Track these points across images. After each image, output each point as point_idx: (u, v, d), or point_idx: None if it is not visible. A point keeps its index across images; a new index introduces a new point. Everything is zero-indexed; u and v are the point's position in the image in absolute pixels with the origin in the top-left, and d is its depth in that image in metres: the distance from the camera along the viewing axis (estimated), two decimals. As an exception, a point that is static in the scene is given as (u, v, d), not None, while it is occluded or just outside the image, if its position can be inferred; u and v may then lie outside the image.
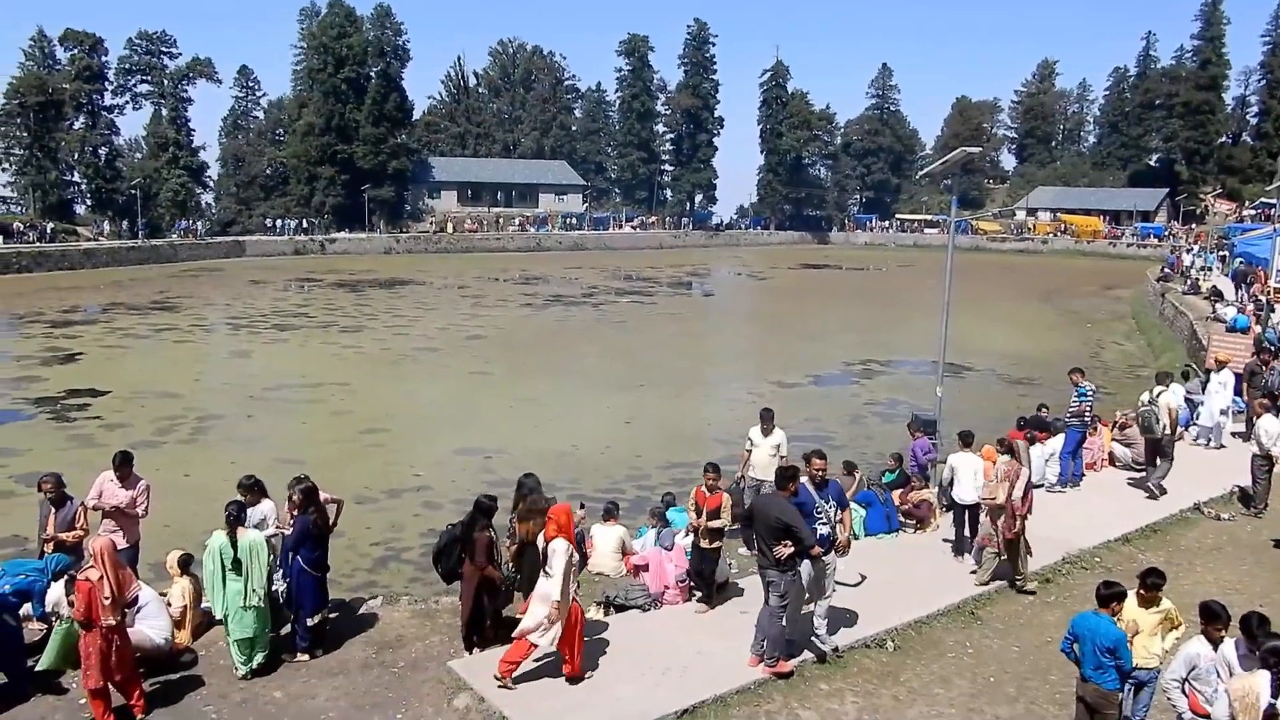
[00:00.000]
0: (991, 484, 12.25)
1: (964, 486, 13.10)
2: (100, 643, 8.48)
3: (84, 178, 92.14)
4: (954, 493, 13.28)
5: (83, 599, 8.48)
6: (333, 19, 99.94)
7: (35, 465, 19.64)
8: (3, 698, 9.02)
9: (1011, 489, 11.84)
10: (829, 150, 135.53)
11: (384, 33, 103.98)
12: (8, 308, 48.60)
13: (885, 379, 32.90)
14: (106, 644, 8.51)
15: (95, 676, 8.49)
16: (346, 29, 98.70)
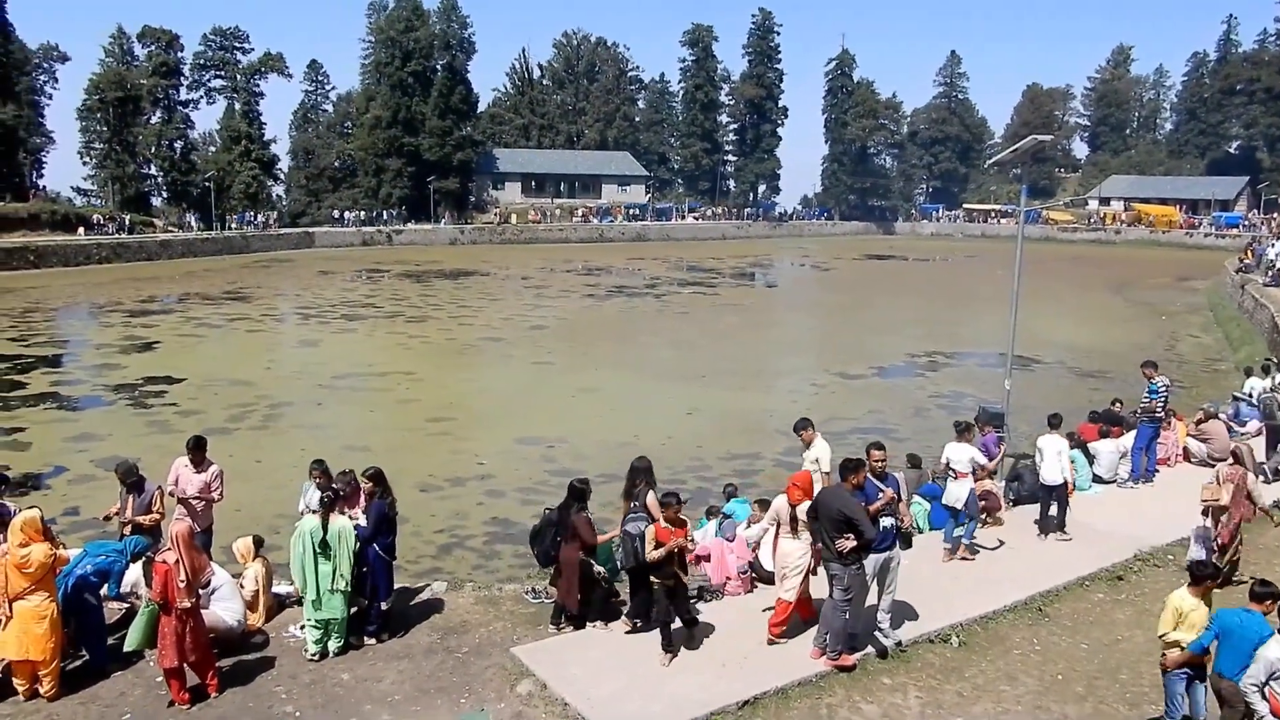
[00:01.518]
0: (1213, 485, 12.38)
1: (1050, 467, 13.29)
2: (176, 624, 8.73)
3: (160, 171, 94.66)
4: (1040, 473, 13.43)
5: (159, 581, 8.75)
6: (400, 13, 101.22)
7: (115, 450, 20.32)
8: (85, 674, 9.34)
9: (1237, 492, 12.05)
10: (895, 139, 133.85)
11: (450, 26, 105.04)
12: (89, 297, 50.19)
13: (950, 371, 32.42)
14: (182, 625, 8.76)
15: (171, 656, 8.74)
16: (413, 23, 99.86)
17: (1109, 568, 12.50)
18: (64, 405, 25.95)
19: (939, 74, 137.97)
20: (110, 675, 9.36)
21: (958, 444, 12.88)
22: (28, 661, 8.79)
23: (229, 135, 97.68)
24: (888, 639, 10.07)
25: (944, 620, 10.76)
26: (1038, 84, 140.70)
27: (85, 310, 46.24)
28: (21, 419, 23.96)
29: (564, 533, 10.42)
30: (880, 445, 10.20)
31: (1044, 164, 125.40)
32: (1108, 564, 12.56)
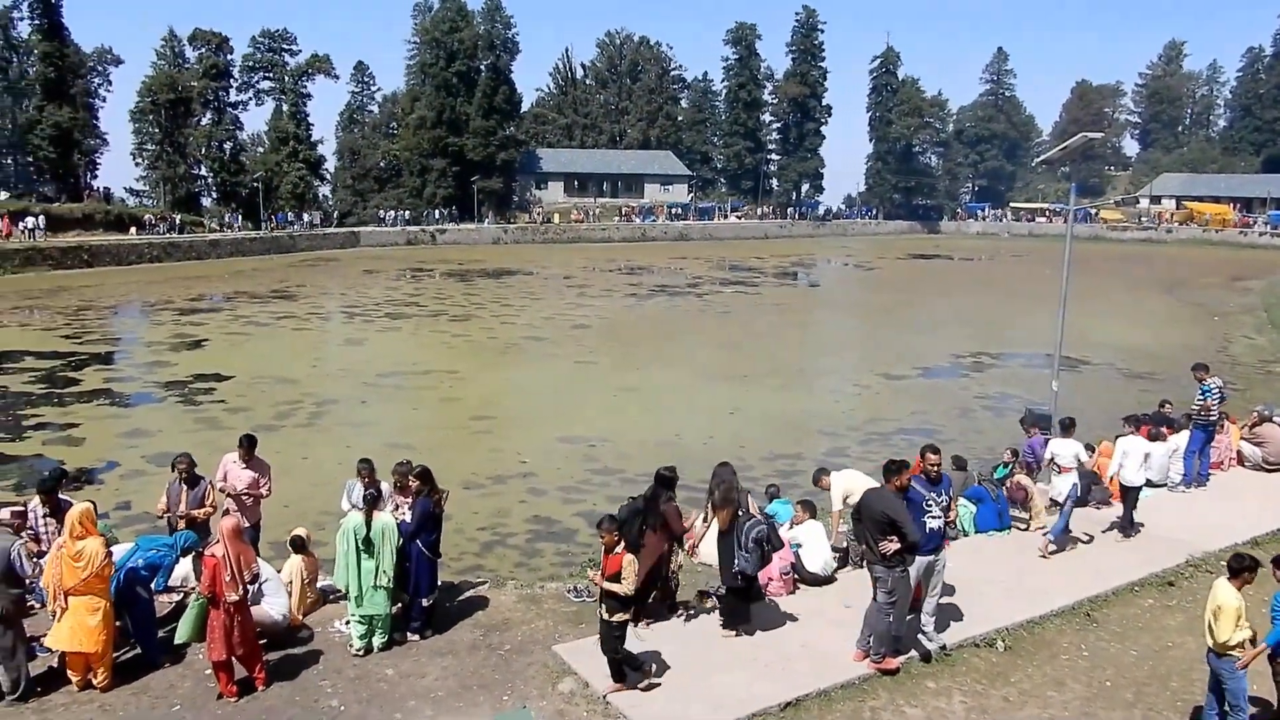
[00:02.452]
0: None
1: (1131, 469, 13.44)
2: (224, 617, 8.88)
3: (210, 171, 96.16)
4: (1122, 475, 13.54)
5: (208, 575, 8.91)
6: (445, 14, 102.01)
7: (165, 446, 20.67)
8: (136, 666, 9.52)
9: None
10: (940, 138, 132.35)
11: (494, 26, 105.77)
12: (141, 296, 51.15)
13: (996, 372, 32.02)
14: (230, 618, 8.90)
15: (219, 649, 8.89)
16: (458, 23, 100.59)
17: (1159, 573, 12.29)
18: (116, 401, 26.45)
19: (985, 71, 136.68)
20: (161, 667, 9.54)
21: (1064, 439, 13.30)
22: (81, 653, 8.98)
23: (277, 136, 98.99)
24: (932, 642, 9.98)
25: (989, 624, 10.64)
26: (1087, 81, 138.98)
27: (137, 308, 47.12)
28: (76, 415, 24.45)
29: (652, 521, 10.43)
30: (935, 448, 10.08)
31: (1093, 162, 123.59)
32: (1158, 569, 12.34)
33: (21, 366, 30.58)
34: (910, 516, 9.32)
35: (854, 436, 22.83)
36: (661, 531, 10.36)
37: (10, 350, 33.30)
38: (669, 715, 8.71)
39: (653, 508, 10.39)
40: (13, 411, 24.78)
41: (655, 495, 10.44)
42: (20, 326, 39.26)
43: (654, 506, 10.39)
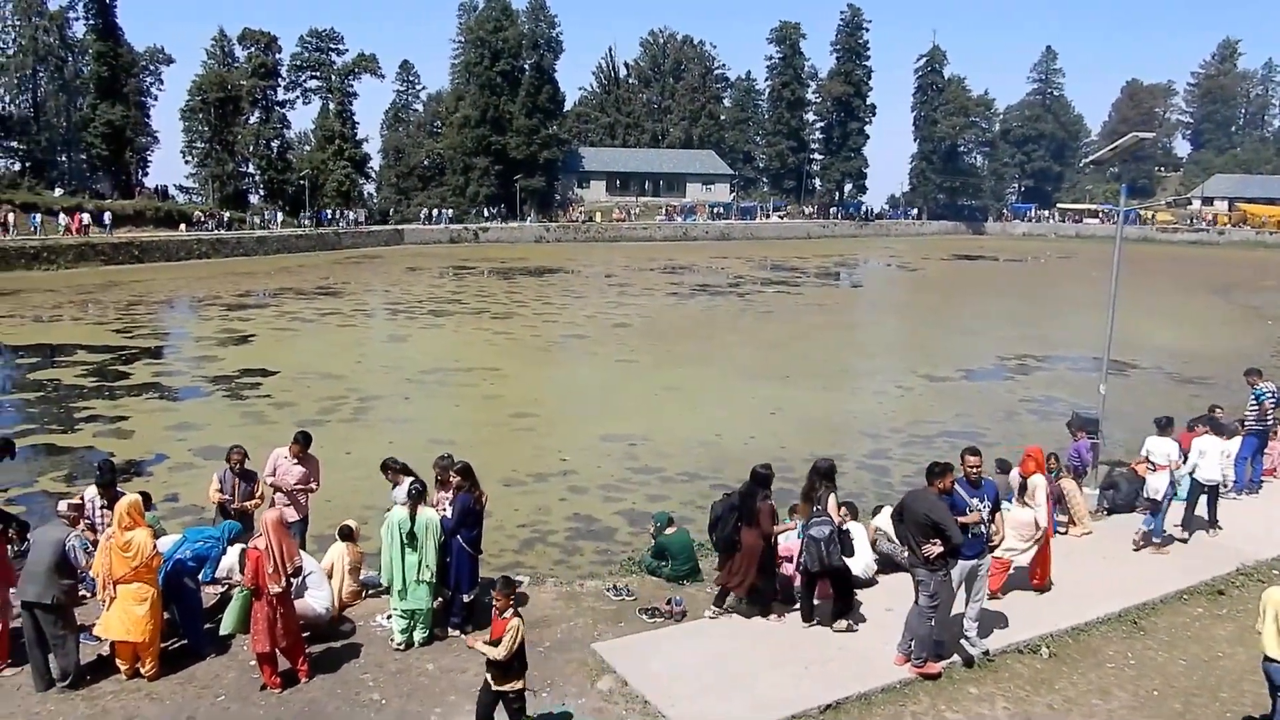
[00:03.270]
0: None
1: (1210, 467, 13.70)
2: (267, 609, 9.00)
3: (258, 169, 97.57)
4: (1199, 474, 13.66)
5: (251, 567, 9.04)
6: (490, 13, 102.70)
7: (213, 439, 21.00)
8: (183, 656, 9.68)
9: None
10: (986, 137, 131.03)
11: (538, 26, 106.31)
12: (189, 291, 52.00)
13: (1042, 375, 31.58)
14: (273, 610, 9.02)
15: (263, 641, 9.02)
16: (503, 23, 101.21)
17: (1209, 581, 12.05)
18: (165, 395, 26.88)
19: (1033, 70, 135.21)
20: (207, 658, 9.69)
21: (1159, 438, 13.47)
22: (129, 642, 9.15)
23: (323, 135, 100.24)
24: (975, 648, 9.86)
25: (1034, 630, 10.50)
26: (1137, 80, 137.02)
27: (185, 304, 47.89)
28: (126, 408, 24.89)
29: (748, 518, 10.52)
30: (975, 450, 9.97)
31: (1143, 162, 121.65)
32: (1208, 577, 12.11)
33: (74, 360, 31.20)
34: (953, 519, 9.24)
35: (896, 438, 22.63)
36: (757, 528, 10.53)
37: (63, 344, 34.02)
38: (709, 714, 8.69)
39: (749, 504, 10.53)
40: (65, 404, 25.30)
41: (751, 492, 10.59)
42: (73, 320, 40.06)
43: (750, 503, 10.52)
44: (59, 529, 9.51)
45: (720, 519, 10.88)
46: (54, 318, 40.70)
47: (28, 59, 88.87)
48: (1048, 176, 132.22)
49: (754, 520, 10.51)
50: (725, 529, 10.77)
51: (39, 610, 8.98)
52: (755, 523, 10.51)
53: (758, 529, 10.52)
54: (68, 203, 67.25)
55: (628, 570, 12.80)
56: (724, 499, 11.13)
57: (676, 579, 12.02)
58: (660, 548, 12.29)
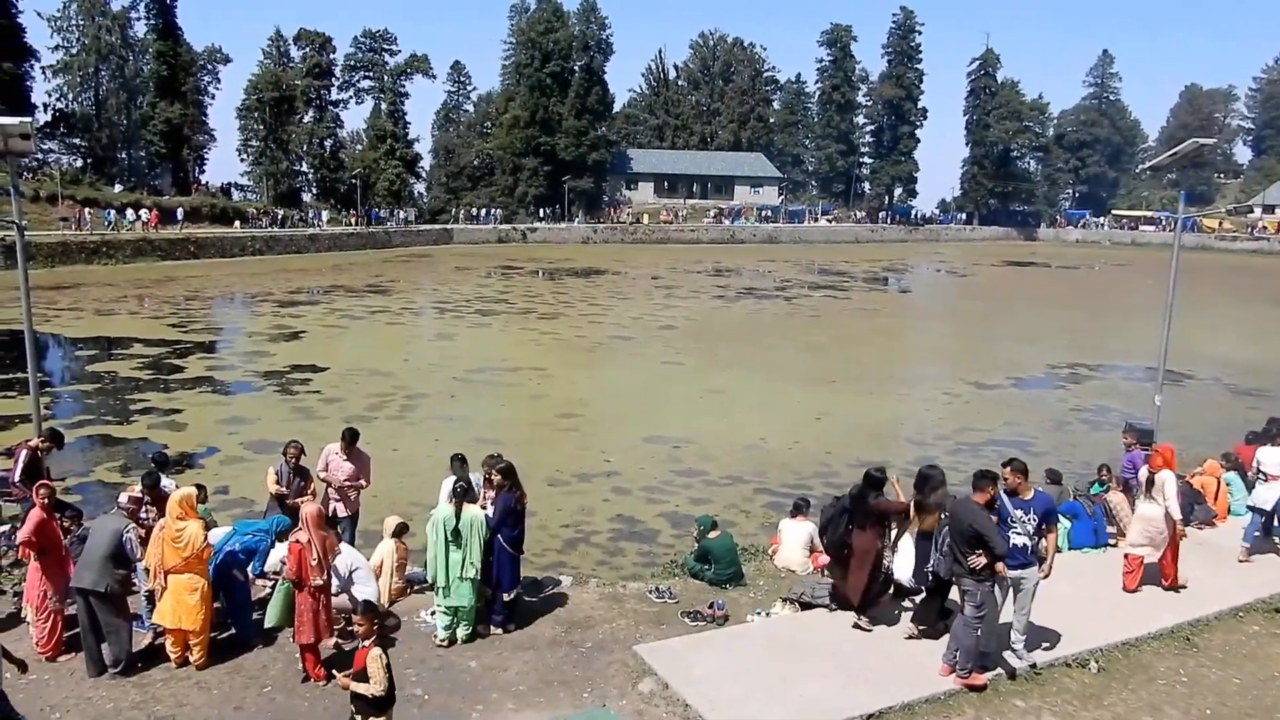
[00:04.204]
0: None
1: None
2: (310, 600, 9.16)
3: (311, 168, 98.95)
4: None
5: (293, 560, 9.21)
6: (541, 14, 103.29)
7: (263, 434, 21.34)
8: (232, 646, 9.84)
9: None
10: (1040, 142, 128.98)
11: (589, 28, 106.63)
12: (243, 287, 52.87)
13: (1094, 384, 31.06)
14: (315, 601, 9.18)
15: (306, 632, 9.17)
16: (553, 24, 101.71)
17: (1266, 599, 11.75)
18: (217, 389, 27.34)
19: (1089, 74, 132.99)
20: (254, 649, 9.83)
21: (1273, 448, 13.48)
22: (180, 630, 9.32)
23: (375, 134, 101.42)
24: (1021, 660, 9.71)
25: (1083, 644, 10.30)
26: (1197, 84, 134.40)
27: (239, 300, 48.69)
28: (179, 401, 25.36)
29: (862, 521, 10.51)
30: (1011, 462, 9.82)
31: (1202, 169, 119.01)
32: (1265, 594, 11.81)
33: (130, 353, 31.86)
34: (997, 530, 9.11)
35: (943, 446, 22.38)
36: (871, 530, 10.49)
37: (121, 337, 34.76)
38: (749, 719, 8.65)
39: (861, 507, 10.50)
40: (121, 396, 25.85)
41: (863, 495, 10.53)
42: (130, 314, 40.90)
43: (862, 506, 10.49)
44: (117, 519, 9.70)
45: (831, 522, 10.84)
46: (112, 311, 41.59)
47: (90, 58, 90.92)
48: (1103, 182, 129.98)
49: (870, 522, 10.47)
50: (836, 533, 10.74)
51: (93, 598, 9.19)
52: (872, 524, 10.49)
53: (874, 530, 10.51)
54: (127, 199, 68.83)
55: (670, 573, 12.78)
56: (834, 503, 11.10)
57: (719, 583, 11.98)
58: (703, 551, 12.26)
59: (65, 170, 75.33)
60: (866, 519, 10.48)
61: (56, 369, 30.38)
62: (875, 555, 10.62)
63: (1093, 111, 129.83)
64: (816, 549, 12.75)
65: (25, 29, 75.19)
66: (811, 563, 12.53)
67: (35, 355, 13.59)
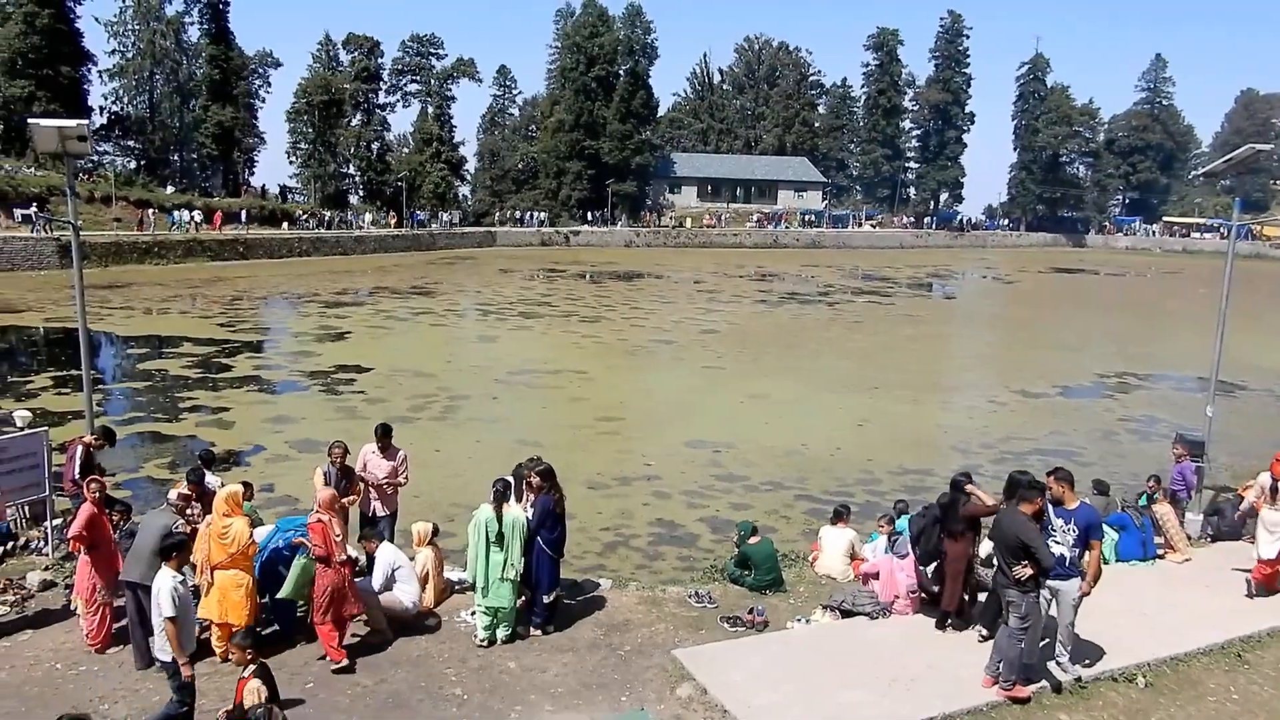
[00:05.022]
0: None
1: None
2: (335, 575, 9.38)
3: (358, 170, 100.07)
4: None
5: (318, 537, 9.42)
6: (586, 19, 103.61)
7: (308, 433, 21.60)
8: (275, 642, 9.96)
9: None
10: (1090, 148, 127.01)
11: (634, 31, 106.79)
12: (290, 288, 53.57)
13: (1143, 394, 30.54)
14: (340, 577, 9.40)
15: (332, 610, 9.42)
16: (599, 28, 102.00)
17: (1318, 616, 11.47)
18: (264, 388, 27.72)
19: (1142, 78, 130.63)
20: (297, 645, 9.94)
21: None
22: (225, 624, 9.47)
23: (421, 137, 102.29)
24: (1066, 673, 9.55)
25: (1130, 658, 10.12)
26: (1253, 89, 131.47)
27: (287, 301, 49.33)
28: (227, 399, 25.74)
29: (954, 529, 10.52)
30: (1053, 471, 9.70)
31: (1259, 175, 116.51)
32: (1317, 612, 11.54)
33: (180, 352, 32.41)
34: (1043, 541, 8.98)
35: (987, 454, 22.12)
36: (964, 538, 10.48)
37: (171, 336, 35.36)
38: (787, 728, 8.59)
39: (952, 515, 10.49)
40: (171, 394, 26.29)
41: (954, 502, 10.51)
42: (181, 314, 41.61)
43: (954, 513, 10.47)
44: (165, 515, 9.88)
45: (923, 532, 10.81)
46: (163, 310, 42.34)
47: (145, 62, 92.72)
48: (1154, 189, 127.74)
49: (962, 530, 10.45)
50: (930, 543, 10.73)
51: (142, 591, 9.34)
52: (962, 534, 10.46)
53: (966, 539, 10.50)
54: (179, 200, 69.98)
55: (710, 577, 12.74)
56: (923, 512, 11.08)
57: (759, 588, 11.93)
58: (744, 557, 12.21)
59: (119, 172, 76.81)
60: (958, 526, 10.44)
61: (109, 366, 30.99)
62: (969, 562, 10.61)
63: (1145, 116, 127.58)
64: (857, 556, 12.67)
65: (83, 34, 76.88)
66: (852, 570, 12.43)
67: (89, 353, 13.86)
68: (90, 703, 8.81)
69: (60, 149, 12.42)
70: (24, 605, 10.89)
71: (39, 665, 9.55)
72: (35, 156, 60.97)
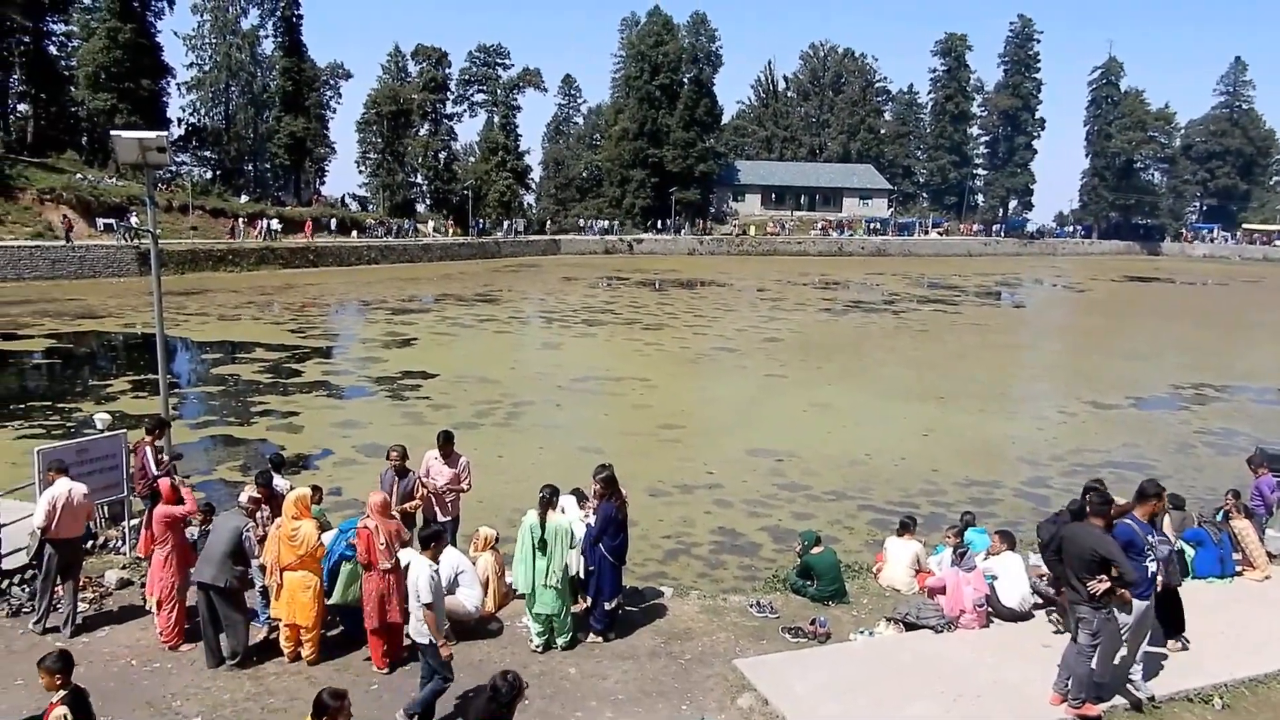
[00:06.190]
0: None
1: None
2: (379, 582, 9.42)
3: (425, 179, 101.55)
4: None
5: (362, 544, 9.49)
6: (651, 27, 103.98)
7: (374, 437, 21.92)
8: (340, 644, 10.15)
9: None
10: (1165, 153, 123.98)
11: (699, 39, 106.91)
12: (358, 295, 54.52)
13: (1221, 406, 29.65)
14: (385, 585, 9.43)
15: (374, 617, 9.47)
16: (663, 37, 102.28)
17: None
18: (333, 393, 28.22)
19: (1220, 82, 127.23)
20: (363, 646, 10.07)
21: None
22: (293, 625, 9.66)
23: (487, 147, 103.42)
24: (1140, 691, 9.30)
25: (1206, 679, 9.81)
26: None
27: (355, 307, 50.21)
28: (297, 404, 26.27)
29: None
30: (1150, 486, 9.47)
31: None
32: None
33: (253, 357, 33.15)
34: (1124, 555, 8.74)
35: (1057, 467, 21.65)
36: None
37: (244, 341, 36.21)
38: (850, 742, 8.49)
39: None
40: (243, 398, 26.90)
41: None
42: (253, 320, 42.56)
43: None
44: (237, 518, 10.10)
45: (1051, 541, 10.71)
46: (236, 316, 43.35)
47: (221, 74, 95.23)
48: (1233, 195, 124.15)
49: None
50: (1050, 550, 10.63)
51: (213, 592, 9.58)
52: None
53: None
54: (252, 209, 71.74)
55: (771, 587, 12.66)
56: (1051, 520, 10.94)
57: (821, 599, 11.82)
58: (806, 566, 12.10)
59: (196, 181, 78.99)
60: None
61: (184, 371, 31.83)
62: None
63: (1223, 121, 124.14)
64: (923, 569, 12.48)
65: (163, 48, 79.21)
66: (917, 583, 12.25)
67: (165, 357, 14.25)
68: (163, 699, 9.04)
69: (140, 160, 12.81)
70: (102, 602, 11.23)
71: (115, 661, 9.83)
72: (117, 167, 62.95)
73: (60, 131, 74.36)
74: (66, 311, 42.23)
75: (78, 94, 74.54)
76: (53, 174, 61.35)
